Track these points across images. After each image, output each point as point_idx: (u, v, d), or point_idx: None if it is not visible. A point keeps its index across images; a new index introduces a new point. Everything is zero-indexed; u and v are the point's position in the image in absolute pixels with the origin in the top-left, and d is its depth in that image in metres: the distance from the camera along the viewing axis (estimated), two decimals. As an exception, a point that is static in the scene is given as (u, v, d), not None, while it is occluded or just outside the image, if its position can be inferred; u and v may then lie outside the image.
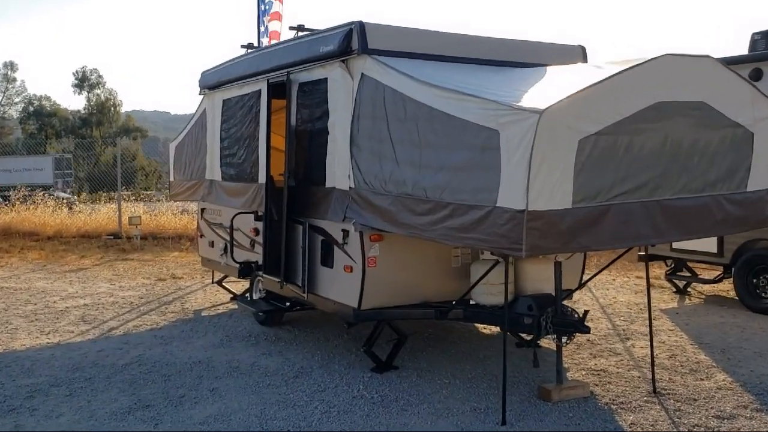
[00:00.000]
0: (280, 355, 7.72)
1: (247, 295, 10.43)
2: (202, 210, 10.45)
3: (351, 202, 6.79)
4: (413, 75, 6.08)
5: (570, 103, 4.80)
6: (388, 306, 6.87)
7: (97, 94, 73.39)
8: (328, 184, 7.19)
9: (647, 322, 9.25)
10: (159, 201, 33.16)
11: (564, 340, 6.37)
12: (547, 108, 4.69)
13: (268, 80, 8.36)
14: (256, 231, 8.74)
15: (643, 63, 5.12)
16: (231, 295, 10.74)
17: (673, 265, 11.13)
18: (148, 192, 40.82)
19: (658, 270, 12.60)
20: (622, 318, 9.47)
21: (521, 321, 6.46)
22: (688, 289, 11.35)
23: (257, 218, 8.62)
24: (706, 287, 11.46)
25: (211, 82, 10.04)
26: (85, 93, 73.16)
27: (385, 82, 6.36)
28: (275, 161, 8.61)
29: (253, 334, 8.61)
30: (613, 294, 11.10)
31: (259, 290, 9.13)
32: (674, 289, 11.36)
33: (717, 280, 10.54)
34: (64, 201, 20.90)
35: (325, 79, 7.25)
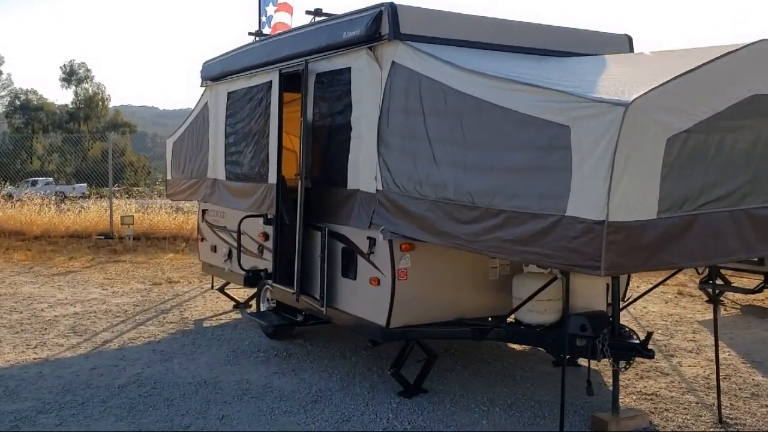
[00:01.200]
0: (293, 374, 6.96)
1: (252, 303, 9.70)
2: (204, 211, 9.67)
3: (378, 206, 6.03)
4: (456, 63, 5.32)
5: (659, 95, 4.05)
6: (419, 324, 6.12)
7: (85, 89, 72.89)
8: (351, 186, 6.43)
9: (688, 336, 8.60)
10: (150, 197, 32.45)
11: (622, 365, 5.63)
12: (634, 100, 3.94)
13: (280, 70, 7.59)
14: (265, 236, 7.98)
15: (738, 49, 4.39)
16: (234, 303, 9.98)
17: (706, 273, 10.42)
18: (138, 188, 40.05)
19: (682, 277, 11.94)
20: (660, 331, 8.75)
21: (573, 343, 5.72)
22: (721, 299, 10.65)
23: (267, 222, 7.85)
24: (739, 296, 10.77)
25: (214, 73, 9.25)
26: (72, 87, 72.65)
27: (421, 71, 5.60)
28: (286, 160, 7.86)
29: (261, 348, 7.84)
30: (642, 303, 10.38)
31: (267, 300, 8.37)
32: (706, 298, 10.66)
33: (757, 290, 9.84)
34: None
35: (348, 69, 6.49)
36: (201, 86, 9.70)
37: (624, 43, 7.14)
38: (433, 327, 6.20)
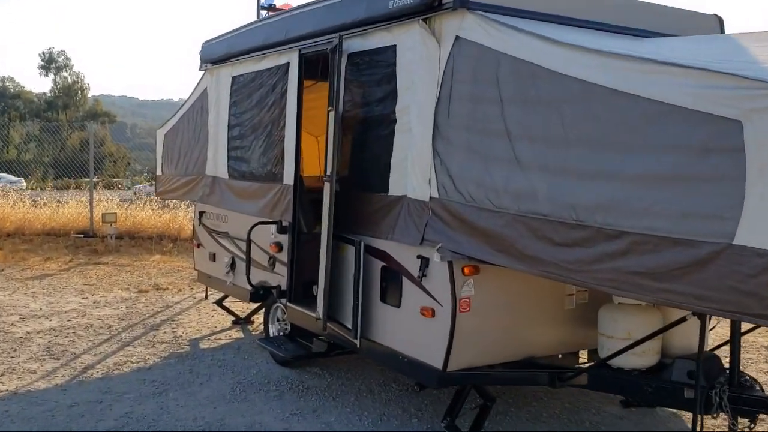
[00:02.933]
0: (315, 417, 5.75)
1: (254, 318, 8.48)
2: (201, 213, 8.41)
3: (433, 218, 4.84)
4: (551, 37, 4.12)
5: None
6: (483, 365, 4.93)
7: (64, 77, 71.47)
8: (394, 191, 5.23)
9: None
10: (128, 189, 31.00)
11: (744, 424, 4.48)
12: None
13: (299, 50, 6.37)
14: (278, 246, 6.74)
15: None
16: (233, 319, 8.75)
17: None
18: (118, 179, 38.67)
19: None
20: (765, 371, 7.48)
21: (679, 394, 4.56)
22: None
23: (281, 230, 6.62)
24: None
25: (216, 55, 7.99)
26: (51, 75, 71.14)
27: (500, 47, 4.40)
28: (307, 158, 6.65)
29: (272, 379, 6.62)
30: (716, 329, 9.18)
31: (278, 320, 7.15)
32: None
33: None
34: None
35: (393, 47, 5.27)
36: (200, 69, 8.44)
37: (714, 24, 5.98)
38: (498, 369, 5.01)
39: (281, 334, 7.05)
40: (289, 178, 6.54)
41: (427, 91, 4.91)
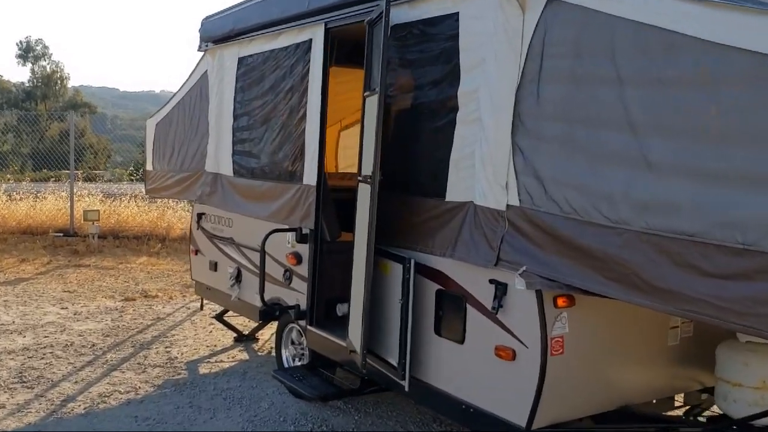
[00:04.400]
0: (349, 470, 4.70)
1: (258, 336, 7.42)
2: (200, 216, 7.30)
3: (511, 232, 3.79)
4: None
5: None
6: (572, 419, 3.89)
7: (43, 66, 70.04)
8: (453, 196, 4.18)
9: None
10: (110, 181, 29.73)
11: None
12: None
13: (325, 24, 5.30)
14: (296, 258, 5.67)
15: None
16: (235, 336, 7.67)
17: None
18: (99, 172, 37.41)
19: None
20: None
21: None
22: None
23: (301, 239, 5.55)
24: None
25: (219, 32, 6.89)
26: (29, 65, 69.72)
27: (615, 10, 3.35)
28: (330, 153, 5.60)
29: (288, 416, 5.56)
30: None
31: (293, 344, 6.08)
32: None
33: None
34: None
35: (453, 16, 4.22)
36: (199, 50, 7.32)
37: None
38: (588, 423, 3.97)
39: (297, 361, 5.98)
40: (310, 177, 5.48)
41: (504, 71, 3.86)
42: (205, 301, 8.05)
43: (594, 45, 3.42)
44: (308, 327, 5.53)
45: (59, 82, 71.32)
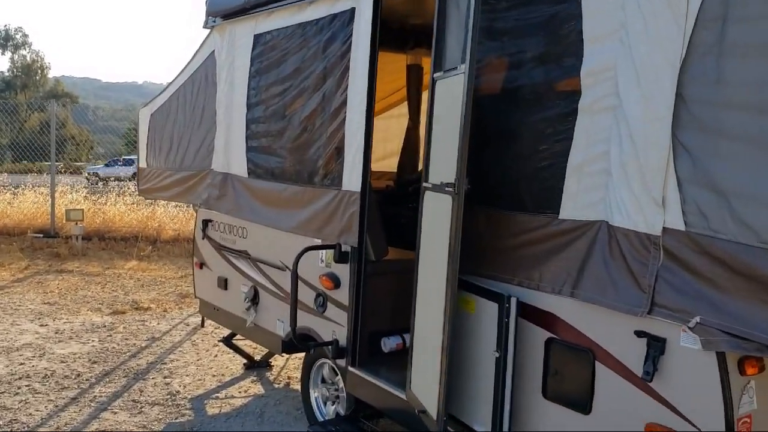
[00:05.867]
0: None
1: (272, 361, 6.33)
2: (205, 223, 6.16)
3: (670, 266, 2.72)
4: None
5: None
6: None
7: (23, 55, 68.80)
8: (572, 212, 3.10)
9: None
10: (91, 176, 28.47)
11: None
12: None
13: (375, -12, 4.19)
14: (333, 281, 4.56)
15: None
16: (245, 362, 6.57)
17: None
18: (81, 164, 36.20)
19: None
20: None
21: None
22: None
23: (340, 258, 4.43)
24: None
25: (230, 4, 5.74)
26: (8, 53, 68.48)
27: None
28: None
29: (323, 477, 4.46)
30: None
31: (323, 381, 4.97)
32: None
33: None
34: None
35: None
36: (205, 26, 6.17)
37: None
38: None
39: (330, 405, 4.88)
40: (352, 180, 4.37)
41: (657, 41, 2.76)
42: (207, 322, 6.92)
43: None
44: (349, 368, 4.42)
45: (40, 71, 70.08)
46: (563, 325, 3.12)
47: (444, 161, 3.44)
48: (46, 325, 7.79)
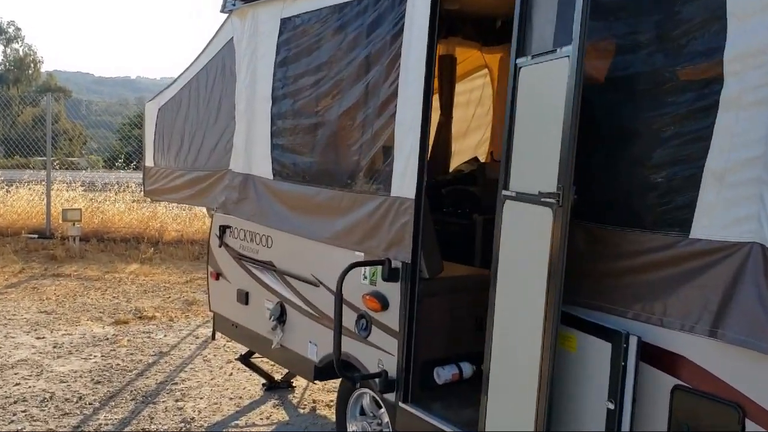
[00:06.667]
0: None
1: (294, 382, 5.72)
2: (223, 229, 5.53)
3: None
4: None
5: None
6: None
7: (15, 49, 68.15)
8: (711, 231, 2.51)
9: None
10: (88, 170, 27.74)
11: None
12: None
13: (435, -40, 3.57)
14: (380, 301, 3.93)
15: None
16: (264, 383, 5.95)
17: None
18: (73, 159, 35.50)
19: None
20: None
21: None
22: None
23: (390, 275, 3.81)
24: None
25: (253, -16, 5.10)
26: (1, 47, 67.76)
27: None
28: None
29: None
30: None
31: (363, 414, 4.36)
32: None
33: None
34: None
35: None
36: (222, 11, 5.54)
37: None
38: None
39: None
40: (405, 186, 3.75)
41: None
42: (222, 337, 6.29)
43: None
44: (400, 404, 3.81)
45: (32, 65, 69.36)
46: (698, 372, 2.51)
47: (536, 165, 2.83)
48: (43, 337, 7.16)
